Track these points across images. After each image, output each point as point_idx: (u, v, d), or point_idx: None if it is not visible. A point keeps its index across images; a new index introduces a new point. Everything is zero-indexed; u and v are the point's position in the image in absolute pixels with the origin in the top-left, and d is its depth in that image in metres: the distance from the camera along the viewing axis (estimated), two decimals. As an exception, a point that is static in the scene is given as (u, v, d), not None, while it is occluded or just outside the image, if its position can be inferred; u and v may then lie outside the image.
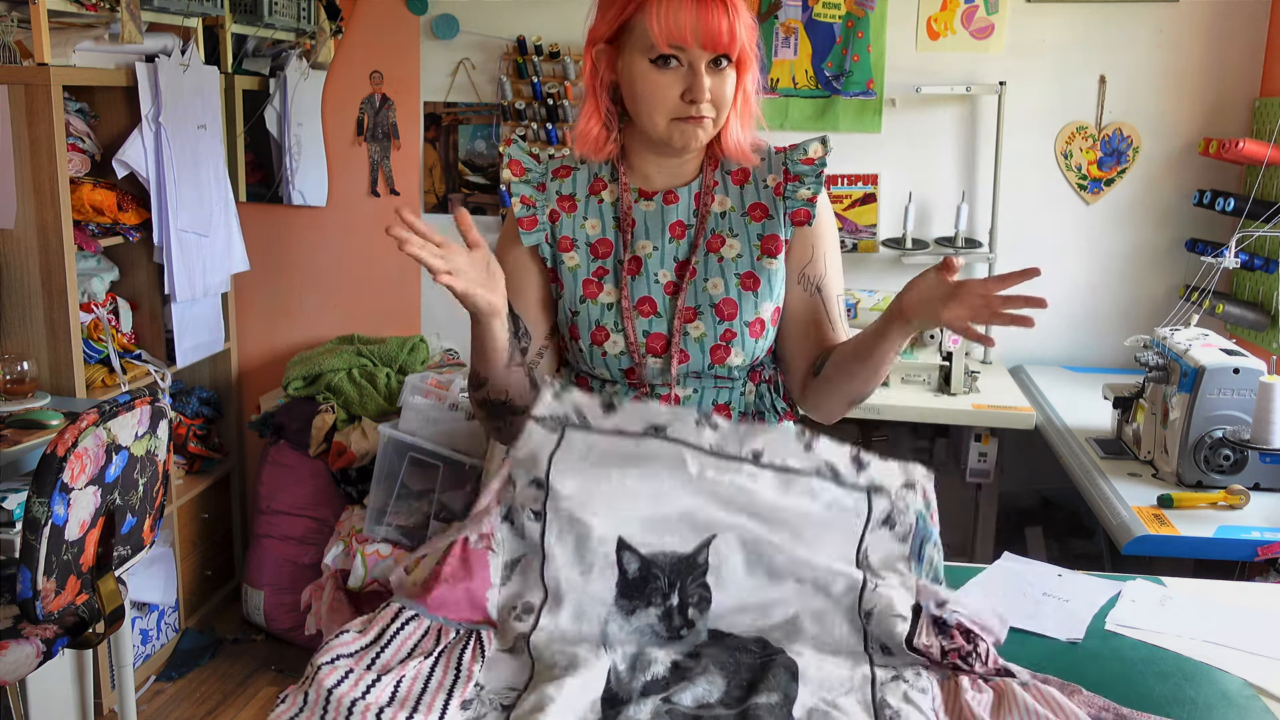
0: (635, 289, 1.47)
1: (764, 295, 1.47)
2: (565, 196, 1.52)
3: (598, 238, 1.50)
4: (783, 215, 1.49)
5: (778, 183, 1.51)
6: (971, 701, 1.11)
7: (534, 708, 1.07)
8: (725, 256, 1.48)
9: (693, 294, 1.47)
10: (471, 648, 1.17)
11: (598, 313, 1.47)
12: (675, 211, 1.49)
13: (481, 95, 3.43)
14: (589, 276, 1.48)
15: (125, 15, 2.60)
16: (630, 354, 1.46)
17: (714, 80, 1.41)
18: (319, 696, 1.06)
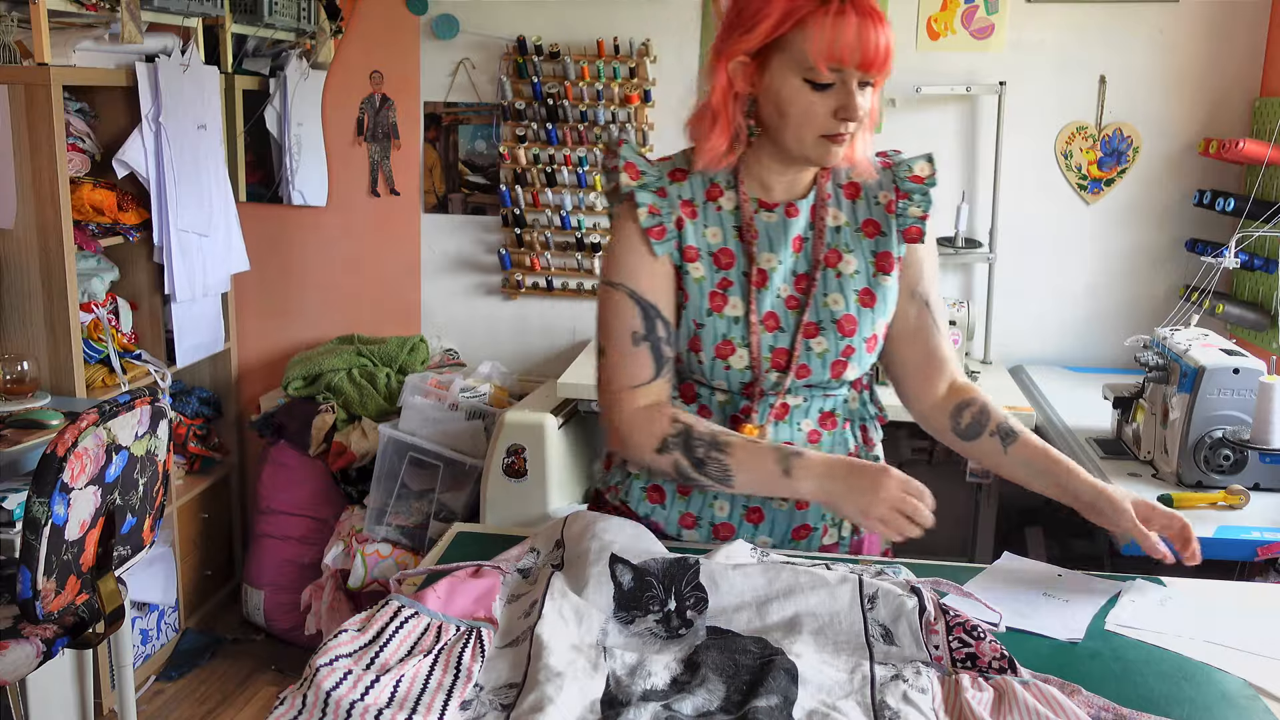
0: (760, 303, 1.45)
1: (879, 312, 1.49)
2: (686, 202, 1.48)
3: (719, 247, 1.47)
4: (894, 232, 1.49)
5: (889, 200, 1.50)
6: (971, 700, 1.11)
7: (533, 708, 1.07)
8: (843, 272, 1.48)
9: (814, 309, 1.46)
10: (472, 646, 1.18)
11: (724, 327, 1.45)
12: (796, 225, 1.47)
13: (481, 95, 3.43)
14: (714, 289, 1.46)
15: (125, 15, 2.60)
16: (754, 369, 1.45)
17: (861, 98, 1.39)
18: (318, 698, 1.06)
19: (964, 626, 1.22)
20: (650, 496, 1.54)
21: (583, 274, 3.45)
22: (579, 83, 3.28)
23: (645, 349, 1.45)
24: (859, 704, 1.12)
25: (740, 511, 1.51)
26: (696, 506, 1.52)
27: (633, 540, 1.36)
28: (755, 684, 1.13)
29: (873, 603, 1.26)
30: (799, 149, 1.40)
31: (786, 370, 1.46)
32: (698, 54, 3.32)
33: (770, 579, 1.29)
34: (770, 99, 1.40)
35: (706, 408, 1.51)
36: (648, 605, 1.25)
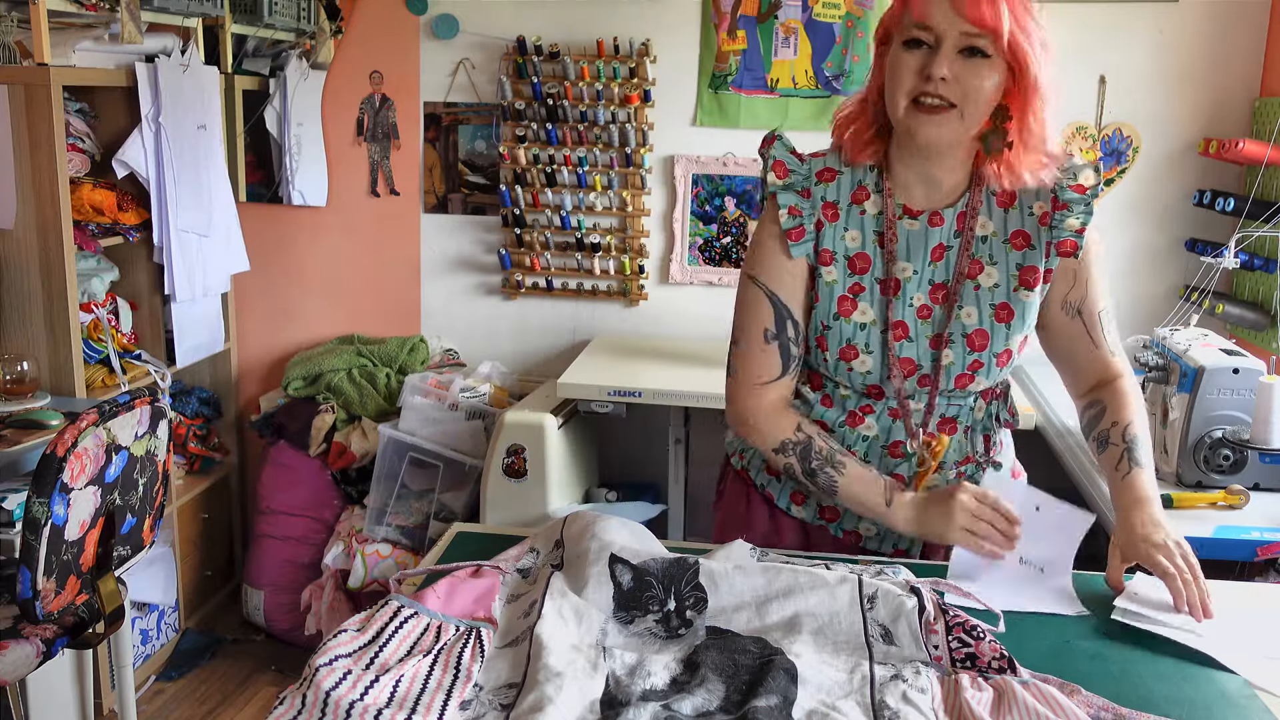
0: (893, 311, 1.45)
1: (1016, 328, 1.46)
2: (829, 204, 1.48)
3: (856, 251, 1.46)
4: (1044, 244, 1.45)
5: (1044, 211, 1.46)
6: (971, 700, 1.11)
7: (532, 708, 1.07)
8: (982, 285, 1.45)
9: (945, 321, 1.45)
10: (471, 646, 1.18)
11: (850, 331, 1.46)
12: (939, 234, 1.45)
13: (481, 95, 3.43)
14: (844, 293, 1.46)
15: (125, 15, 2.60)
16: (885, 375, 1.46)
17: (963, 66, 1.32)
18: (317, 698, 1.06)
19: (963, 626, 1.22)
20: (769, 469, 1.60)
21: (583, 274, 3.45)
22: (579, 83, 3.28)
23: (775, 348, 1.49)
24: (858, 704, 1.12)
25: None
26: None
27: (632, 540, 1.36)
28: (755, 684, 1.13)
29: (872, 603, 1.26)
30: (896, 119, 1.38)
31: (914, 379, 1.47)
32: (697, 54, 3.32)
33: (769, 579, 1.29)
34: (886, 73, 1.39)
35: (829, 398, 1.53)
36: (647, 605, 1.25)
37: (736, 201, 3.38)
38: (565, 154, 3.35)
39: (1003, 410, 1.58)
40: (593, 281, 3.47)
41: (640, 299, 3.48)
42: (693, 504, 3.33)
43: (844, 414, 1.52)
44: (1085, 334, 1.50)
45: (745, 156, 3.35)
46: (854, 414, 1.51)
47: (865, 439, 1.53)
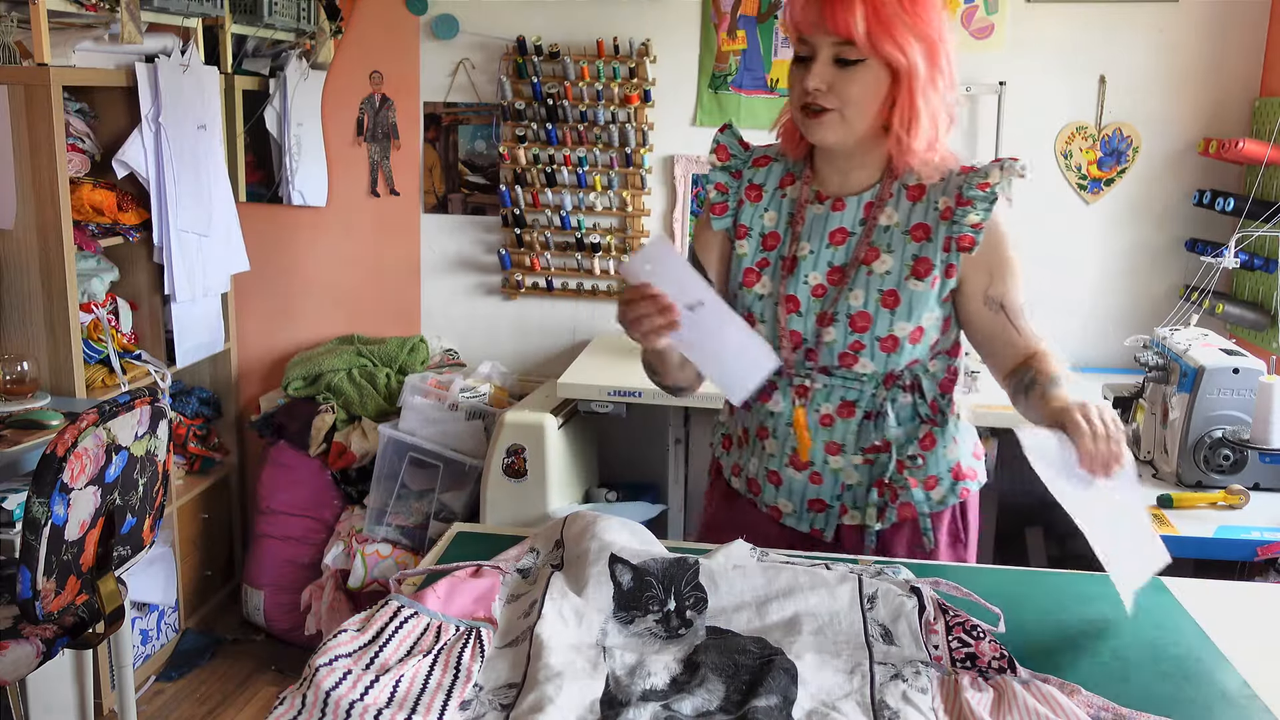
0: (787, 286, 1.55)
1: (901, 315, 1.51)
2: (755, 185, 1.62)
3: (770, 230, 1.59)
4: (942, 238, 1.50)
5: (948, 206, 1.51)
6: (971, 700, 1.11)
7: (532, 707, 1.07)
8: (875, 271, 1.52)
9: (834, 301, 1.53)
10: (471, 646, 1.18)
11: (750, 300, 1.59)
12: (840, 219, 1.54)
13: (481, 95, 3.43)
14: (751, 266, 1.59)
15: (125, 15, 2.60)
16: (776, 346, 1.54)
17: (838, 75, 1.43)
18: (317, 698, 1.06)
19: (964, 626, 1.22)
20: (724, 443, 1.76)
21: (583, 274, 3.45)
22: (579, 83, 3.28)
23: None
24: (858, 704, 1.12)
25: (763, 473, 1.65)
26: (741, 459, 1.70)
27: (632, 540, 1.36)
28: (755, 684, 1.13)
29: (872, 603, 1.26)
30: (797, 123, 1.51)
31: (801, 353, 1.56)
32: (697, 54, 3.32)
33: (770, 579, 1.29)
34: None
35: None
36: (647, 605, 1.25)
37: (736, 201, 3.38)
38: (565, 154, 3.35)
39: (922, 405, 1.58)
40: (593, 281, 3.47)
41: (640, 299, 3.47)
42: (693, 504, 3.33)
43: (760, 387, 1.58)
44: (1009, 326, 1.54)
45: (745, 156, 3.35)
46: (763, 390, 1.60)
47: (772, 414, 1.62)
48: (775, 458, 1.62)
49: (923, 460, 1.60)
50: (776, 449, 1.62)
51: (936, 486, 1.61)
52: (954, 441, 1.63)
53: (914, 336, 1.52)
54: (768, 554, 1.40)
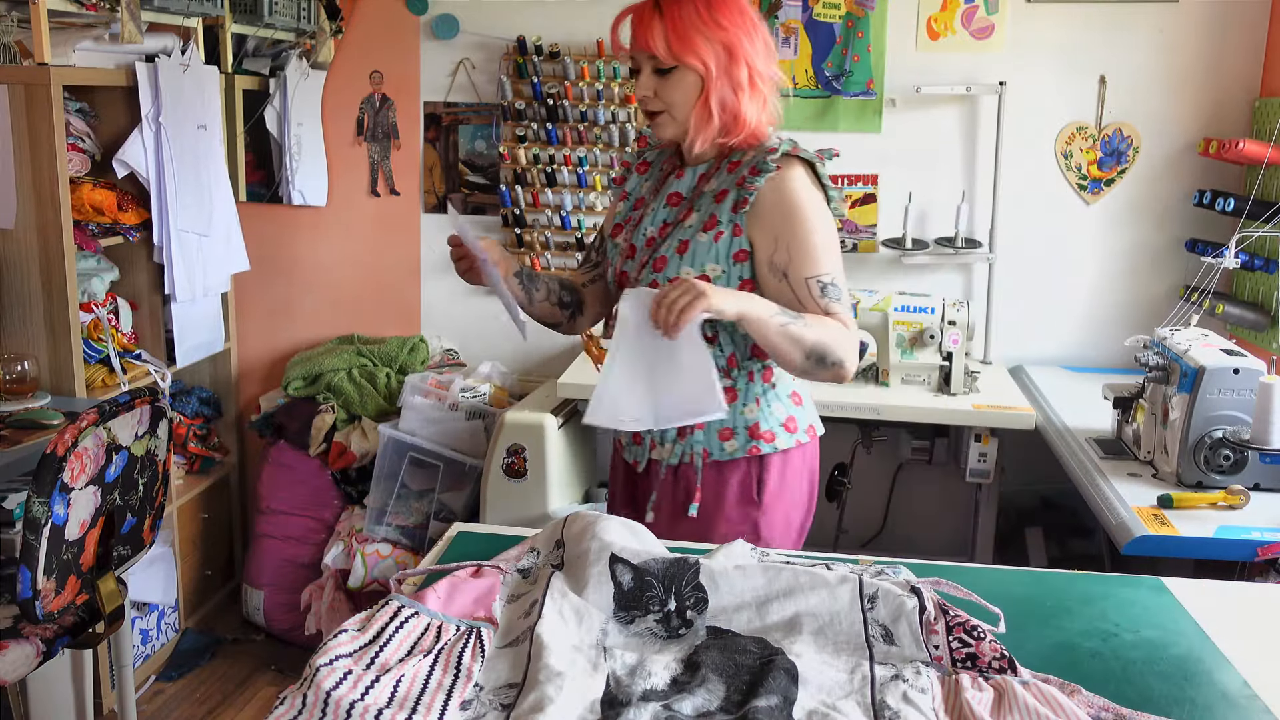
0: (632, 237, 1.84)
1: (686, 260, 1.73)
2: (646, 162, 1.92)
3: (640, 196, 1.89)
4: (731, 201, 1.72)
5: (743, 176, 1.73)
6: (971, 700, 1.11)
7: (533, 707, 1.07)
8: (683, 225, 1.76)
9: (651, 250, 1.78)
10: (471, 646, 1.18)
11: (610, 249, 1.90)
12: (675, 184, 1.81)
13: (481, 95, 3.43)
14: (620, 222, 1.89)
15: (125, 15, 2.60)
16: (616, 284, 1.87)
17: (659, 83, 1.70)
18: (318, 698, 1.06)
19: (964, 626, 1.22)
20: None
21: (583, 274, 3.45)
22: (579, 83, 3.28)
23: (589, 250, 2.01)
24: (859, 704, 1.12)
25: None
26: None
27: (633, 540, 1.36)
28: (755, 684, 1.13)
29: (873, 603, 1.26)
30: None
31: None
32: (698, 54, 3.32)
33: (770, 579, 1.29)
34: None
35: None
36: (648, 605, 1.25)
37: (736, 201, 3.38)
38: (565, 154, 3.35)
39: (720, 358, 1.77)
40: (593, 281, 3.47)
41: (640, 299, 3.47)
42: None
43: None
44: (793, 296, 1.69)
45: (745, 156, 3.35)
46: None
47: None
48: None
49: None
50: None
51: (731, 439, 1.79)
52: (756, 403, 1.80)
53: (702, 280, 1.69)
54: (768, 554, 1.40)
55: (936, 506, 3.40)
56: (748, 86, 1.70)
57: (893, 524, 3.43)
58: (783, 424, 1.82)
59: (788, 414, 1.84)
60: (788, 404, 1.84)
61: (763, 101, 1.73)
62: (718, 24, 1.66)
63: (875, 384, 2.95)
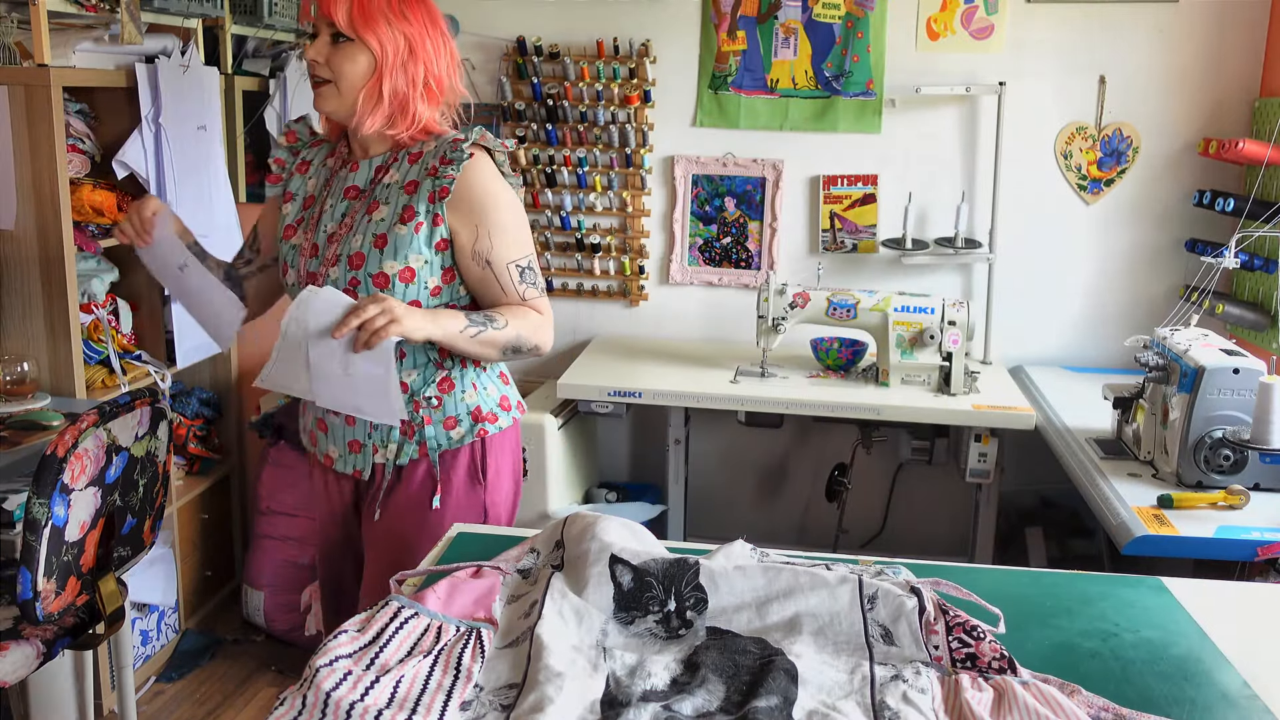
0: (312, 236, 1.80)
1: (389, 255, 1.73)
2: (305, 162, 1.90)
3: (309, 194, 1.86)
4: (427, 192, 1.73)
5: (433, 165, 1.74)
6: (971, 700, 1.11)
7: (533, 708, 1.07)
8: (373, 219, 1.75)
9: (339, 246, 1.76)
10: (471, 646, 1.18)
11: (286, 251, 1.85)
12: (353, 178, 1.81)
13: (481, 95, 3.43)
14: (291, 223, 1.85)
15: (125, 16, 2.60)
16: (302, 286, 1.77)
17: (332, 51, 1.70)
18: (318, 699, 1.06)
19: (964, 626, 1.22)
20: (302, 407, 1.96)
21: (583, 274, 3.45)
22: (579, 83, 3.28)
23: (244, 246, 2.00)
24: (859, 704, 1.12)
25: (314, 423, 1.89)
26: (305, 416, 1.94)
27: (632, 540, 1.36)
28: (755, 684, 1.13)
29: (873, 603, 1.26)
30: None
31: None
32: (697, 54, 3.32)
33: (770, 579, 1.29)
34: None
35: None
36: (648, 606, 1.25)
37: (736, 202, 3.38)
38: (565, 154, 3.35)
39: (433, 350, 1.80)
40: (593, 282, 3.47)
41: (640, 299, 3.48)
42: (693, 504, 3.33)
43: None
44: (495, 282, 1.77)
45: (745, 157, 3.35)
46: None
47: None
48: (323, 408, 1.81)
49: (439, 401, 1.81)
50: None
51: (456, 426, 1.82)
52: (474, 387, 1.84)
53: (404, 276, 1.73)
54: (768, 554, 1.40)
55: (936, 507, 3.40)
56: (423, 86, 1.73)
57: (893, 524, 3.43)
58: (499, 404, 1.89)
59: (500, 393, 1.90)
60: (499, 384, 1.90)
61: (439, 107, 1.77)
62: (404, 17, 1.70)
63: (875, 384, 2.95)
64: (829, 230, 3.34)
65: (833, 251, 3.35)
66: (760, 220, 3.38)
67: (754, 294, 3.32)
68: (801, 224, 3.38)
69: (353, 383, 1.68)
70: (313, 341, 1.68)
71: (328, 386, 1.71)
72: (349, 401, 1.72)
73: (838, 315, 2.93)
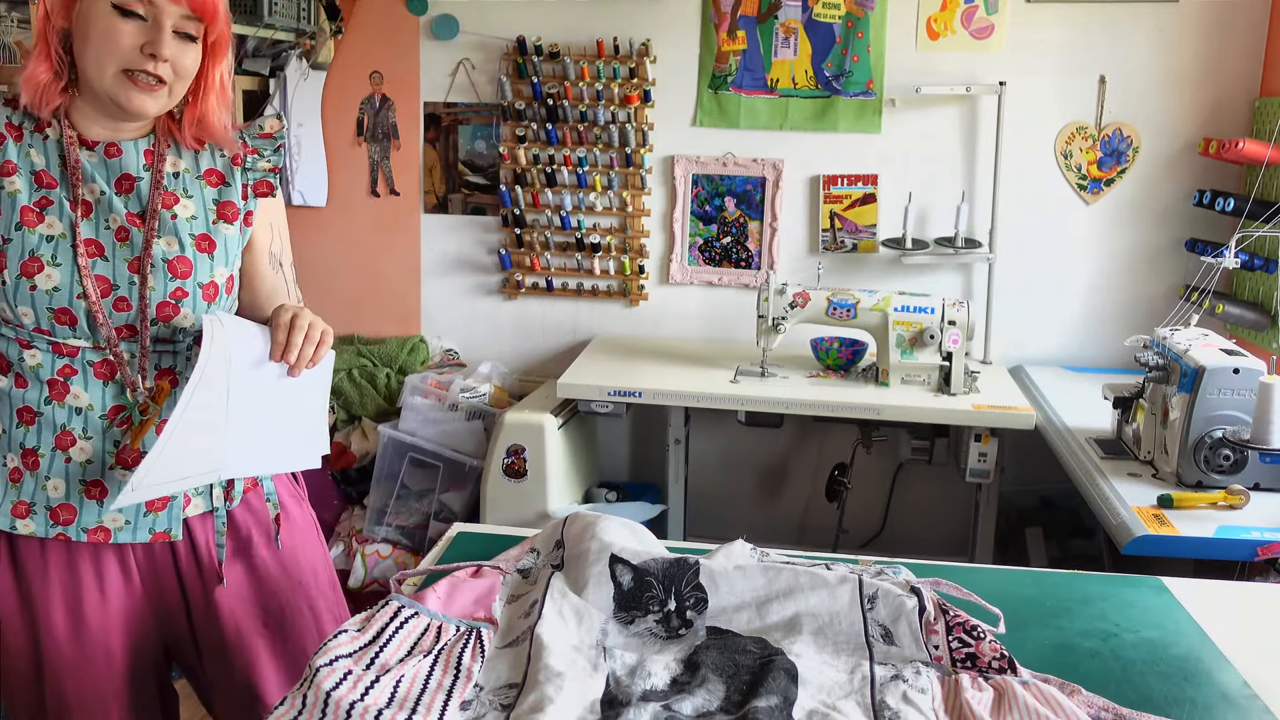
0: (84, 229, 1.42)
1: (219, 259, 1.49)
2: (13, 125, 1.44)
3: (41, 168, 1.43)
4: (240, 185, 1.52)
5: (235, 154, 1.53)
6: (971, 700, 1.11)
7: (533, 708, 1.07)
8: (180, 215, 1.46)
9: (144, 246, 1.43)
10: (471, 646, 1.18)
11: (35, 242, 1.39)
12: (120, 165, 1.45)
13: (481, 95, 3.43)
14: (29, 204, 1.41)
15: (125, 15, 2.60)
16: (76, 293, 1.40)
17: (178, 47, 1.39)
18: (318, 698, 1.06)
19: (964, 626, 1.22)
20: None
21: (583, 274, 3.45)
22: (579, 83, 3.28)
23: None
24: (859, 704, 1.12)
25: (78, 488, 1.44)
26: (28, 492, 1.44)
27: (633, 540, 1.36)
28: (755, 684, 1.13)
29: (873, 603, 1.26)
30: (101, 84, 1.38)
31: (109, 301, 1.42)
32: (697, 54, 3.32)
33: (770, 579, 1.29)
34: (80, 27, 1.38)
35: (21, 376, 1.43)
36: (648, 605, 1.25)
37: (736, 201, 3.38)
38: (565, 154, 3.35)
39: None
40: (593, 281, 3.47)
41: (640, 299, 3.48)
42: (693, 504, 3.33)
43: (43, 388, 1.43)
44: (283, 286, 1.61)
45: (745, 156, 3.35)
46: (55, 382, 1.43)
47: (79, 411, 1.44)
48: (94, 464, 1.44)
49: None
50: (95, 451, 1.44)
51: None
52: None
53: (229, 285, 1.52)
54: (768, 554, 1.40)
55: (936, 506, 3.40)
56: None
57: (893, 524, 3.43)
58: None
59: None
60: None
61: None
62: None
63: (875, 384, 2.95)
64: (829, 230, 3.34)
65: (833, 251, 3.35)
66: (760, 220, 3.38)
67: (754, 294, 3.32)
68: (801, 224, 3.38)
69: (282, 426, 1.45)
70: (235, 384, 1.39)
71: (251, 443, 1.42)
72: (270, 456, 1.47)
73: (838, 315, 2.93)
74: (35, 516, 1.44)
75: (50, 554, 1.46)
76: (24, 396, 1.43)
